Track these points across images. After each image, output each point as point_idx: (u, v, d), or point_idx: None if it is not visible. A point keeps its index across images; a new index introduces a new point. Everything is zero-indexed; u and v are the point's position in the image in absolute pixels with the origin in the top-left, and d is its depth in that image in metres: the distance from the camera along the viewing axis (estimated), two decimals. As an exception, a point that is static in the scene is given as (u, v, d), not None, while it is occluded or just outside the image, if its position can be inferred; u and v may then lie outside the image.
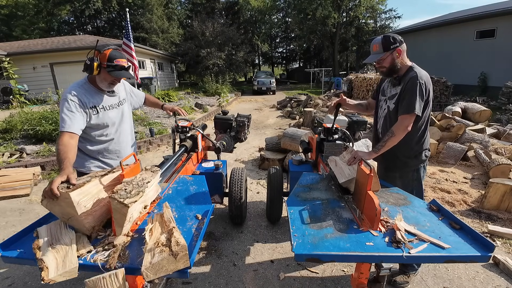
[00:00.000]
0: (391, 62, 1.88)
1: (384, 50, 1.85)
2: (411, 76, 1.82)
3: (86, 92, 1.81)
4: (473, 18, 12.65)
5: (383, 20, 28.65)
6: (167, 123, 7.65)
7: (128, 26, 7.69)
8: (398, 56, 1.87)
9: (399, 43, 1.86)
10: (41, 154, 4.92)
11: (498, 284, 2.12)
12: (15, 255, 1.26)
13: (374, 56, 1.91)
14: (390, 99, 1.98)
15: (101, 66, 1.75)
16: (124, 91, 2.11)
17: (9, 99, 10.29)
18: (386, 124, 2.02)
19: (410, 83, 1.81)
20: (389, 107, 1.98)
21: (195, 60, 21.05)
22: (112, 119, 1.94)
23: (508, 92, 9.20)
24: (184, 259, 1.14)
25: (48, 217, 1.55)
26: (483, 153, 4.24)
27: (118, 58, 1.77)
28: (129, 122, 2.15)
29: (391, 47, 1.84)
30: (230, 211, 2.81)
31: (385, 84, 2.12)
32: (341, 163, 1.84)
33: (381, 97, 2.11)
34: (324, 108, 8.12)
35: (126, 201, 1.25)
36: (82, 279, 2.20)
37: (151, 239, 1.23)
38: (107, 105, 1.91)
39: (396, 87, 1.95)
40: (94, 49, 1.76)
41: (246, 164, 4.97)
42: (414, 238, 1.35)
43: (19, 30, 23.74)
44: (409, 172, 2.03)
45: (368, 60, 1.97)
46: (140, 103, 2.31)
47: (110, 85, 1.87)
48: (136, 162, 1.58)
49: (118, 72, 1.78)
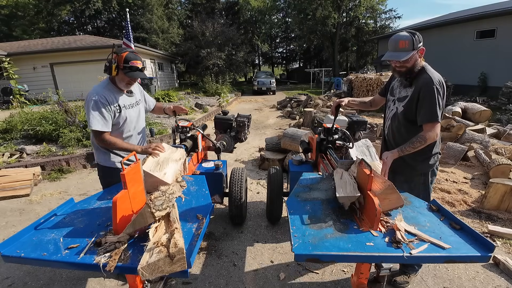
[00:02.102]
0: (414, 62, 1.76)
1: (413, 48, 1.70)
2: (425, 80, 1.73)
3: (110, 92, 1.97)
4: (473, 18, 12.66)
5: (383, 20, 28.71)
6: (167, 123, 7.66)
7: (128, 26, 7.69)
8: (420, 55, 1.77)
9: (422, 41, 1.74)
10: (41, 154, 4.93)
11: (498, 284, 2.12)
12: (15, 255, 1.26)
13: (402, 54, 1.71)
14: (400, 101, 1.89)
15: (119, 68, 1.90)
16: (139, 93, 2.29)
17: (9, 99, 10.29)
18: (393, 126, 1.97)
19: (426, 90, 1.72)
20: (398, 109, 1.90)
21: (195, 60, 21.04)
22: (131, 117, 2.10)
23: (508, 92, 9.20)
24: (180, 262, 1.14)
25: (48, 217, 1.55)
26: (483, 153, 4.24)
27: (133, 60, 1.90)
28: (144, 121, 2.32)
29: (418, 45, 1.71)
30: (230, 211, 2.81)
31: (394, 83, 2.02)
32: (348, 177, 1.73)
33: (390, 97, 2.02)
34: (324, 108, 8.12)
35: (156, 214, 1.33)
36: (83, 279, 2.21)
37: (153, 237, 1.24)
38: (127, 104, 2.07)
39: (406, 89, 1.86)
40: (112, 52, 1.92)
41: (246, 164, 4.97)
42: (414, 238, 1.35)
43: (19, 30, 23.74)
44: (415, 176, 1.96)
45: (393, 57, 1.75)
46: (150, 109, 2.44)
47: (128, 85, 2.02)
48: (136, 162, 1.58)
49: (134, 73, 1.92)
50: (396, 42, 1.73)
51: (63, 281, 2.21)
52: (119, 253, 1.24)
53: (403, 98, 1.86)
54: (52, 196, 3.88)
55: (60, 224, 1.50)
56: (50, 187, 4.21)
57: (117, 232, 1.34)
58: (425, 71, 1.77)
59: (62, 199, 3.74)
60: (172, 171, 1.82)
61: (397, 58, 1.73)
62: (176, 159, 1.97)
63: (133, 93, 2.16)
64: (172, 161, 1.91)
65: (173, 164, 1.90)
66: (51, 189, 4.12)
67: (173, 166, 1.88)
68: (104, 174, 2.14)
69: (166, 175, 1.74)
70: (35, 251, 1.28)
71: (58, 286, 2.17)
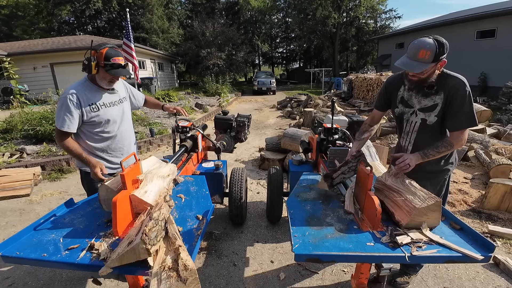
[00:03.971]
0: (431, 74, 1.59)
1: (433, 61, 1.52)
2: (456, 84, 1.60)
3: (86, 90, 1.86)
4: (473, 18, 12.65)
5: (383, 20, 28.70)
6: (167, 123, 7.66)
7: (128, 26, 7.69)
8: (439, 68, 1.60)
9: (446, 52, 1.55)
10: (41, 154, 4.93)
11: (499, 284, 2.12)
12: (16, 255, 1.26)
13: (419, 66, 1.52)
14: (425, 111, 1.70)
15: (99, 65, 1.80)
16: (124, 91, 2.16)
17: (9, 99, 10.30)
18: (421, 139, 1.77)
19: (459, 94, 1.58)
20: (426, 120, 1.71)
21: (195, 60, 21.04)
22: (113, 116, 1.98)
23: (508, 92, 9.20)
24: (194, 283, 1.04)
25: (48, 217, 1.55)
26: (483, 153, 4.23)
27: (114, 57, 1.81)
28: (130, 120, 2.19)
29: (440, 58, 1.53)
30: (230, 211, 2.81)
31: (403, 93, 1.80)
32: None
33: (405, 109, 1.79)
34: (324, 108, 8.12)
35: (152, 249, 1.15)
36: (83, 279, 2.21)
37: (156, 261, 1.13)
38: (107, 102, 1.96)
39: (432, 97, 1.67)
40: (90, 49, 1.81)
41: (246, 164, 4.97)
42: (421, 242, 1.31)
43: (20, 30, 23.74)
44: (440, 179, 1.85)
45: (408, 67, 1.56)
46: (140, 104, 2.35)
47: (110, 83, 1.92)
48: (136, 162, 1.58)
49: (116, 70, 1.83)
50: (417, 49, 1.52)
51: (63, 281, 2.21)
52: None
53: (432, 107, 1.67)
54: (52, 196, 3.88)
55: (60, 225, 1.50)
56: (50, 187, 4.22)
57: (116, 233, 1.34)
58: (449, 75, 1.63)
59: (62, 199, 3.74)
60: (156, 189, 1.55)
61: (412, 69, 1.56)
62: (163, 175, 1.71)
63: (115, 90, 2.02)
64: (158, 177, 1.65)
65: (158, 181, 1.63)
66: (51, 189, 4.12)
67: (159, 183, 1.61)
68: (82, 178, 2.05)
69: (148, 194, 1.46)
70: (35, 251, 1.28)
71: (58, 286, 2.17)
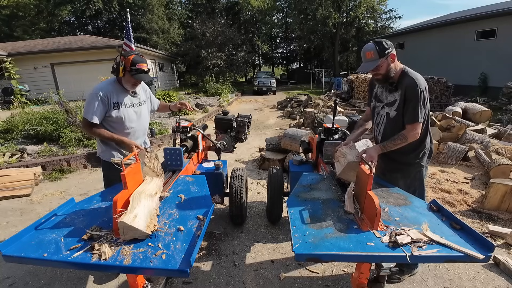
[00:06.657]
0: (387, 68, 1.85)
1: (379, 57, 1.80)
2: (409, 83, 1.81)
3: (113, 90, 2.09)
4: (473, 19, 12.64)
5: (383, 21, 28.64)
6: (168, 123, 7.67)
7: (128, 26, 7.68)
8: (392, 61, 1.84)
9: (391, 47, 1.82)
10: (42, 154, 4.93)
11: (499, 284, 2.12)
12: (16, 254, 1.27)
13: (370, 64, 1.83)
14: (389, 106, 1.97)
15: (126, 70, 2.01)
16: (144, 94, 2.37)
17: (10, 99, 10.31)
18: (386, 131, 2.02)
19: (410, 92, 1.80)
20: (389, 114, 1.97)
21: (196, 61, 21.06)
22: (130, 116, 2.18)
23: (509, 92, 9.19)
24: None
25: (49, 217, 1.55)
26: (483, 153, 4.23)
27: (139, 63, 2.02)
28: (146, 121, 2.39)
29: (385, 52, 1.80)
30: (231, 211, 2.81)
31: (377, 90, 2.09)
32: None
33: (378, 104, 2.08)
34: (324, 109, 8.12)
35: None
36: (83, 279, 2.21)
37: None
38: (128, 103, 2.17)
39: (393, 94, 1.93)
40: (120, 55, 2.04)
41: (247, 164, 4.97)
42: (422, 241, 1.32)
43: (20, 30, 23.79)
44: (411, 172, 2.03)
45: (363, 69, 1.89)
46: (154, 109, 2.55)
47: (133, 86, 2.15)
48: (136, 162, 1.59)
49: (139, 75, 2.04)
50: (364, 54, 1.87)
51: (64, 281, 2.21)
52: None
53: (393, 102, 1.94)
54: (53, 196, 3.89)
55: (60, 224, 1.50)
56: (51, 187, 4.22)
57: (117, 232, 1.35)
58: (407, 74, 1.86)
59: (62, 199, 3.75)
60: (146, 212, 1.35)
61: (366, 69, 1.86)
62: (151, 194, 1.47)
63: (137, 94, 2.25)
64: (146, 196, 1.42)
65: (147, 201, 1.40)
66: (52, 189, 4.12)
67: (147, 204, 1.39)
68: (103, 167, 2.28)
69: (137, 219, 1.28)
70: (36, 251, 1.28)
71: (59, 285, 2.17)
